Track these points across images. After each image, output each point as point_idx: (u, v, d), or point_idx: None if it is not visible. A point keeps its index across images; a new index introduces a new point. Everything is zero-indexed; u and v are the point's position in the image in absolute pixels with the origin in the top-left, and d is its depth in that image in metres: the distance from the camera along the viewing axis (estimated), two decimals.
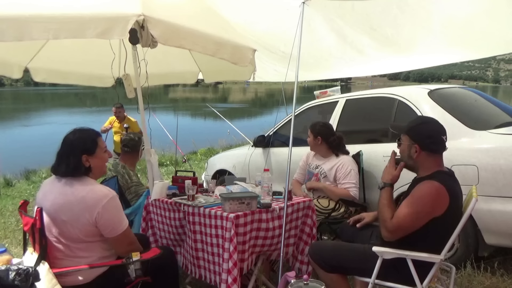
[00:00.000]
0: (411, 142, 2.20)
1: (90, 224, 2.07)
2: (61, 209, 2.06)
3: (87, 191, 2.09)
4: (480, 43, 3.41)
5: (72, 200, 2.06)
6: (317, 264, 2.31)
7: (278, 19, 3.47)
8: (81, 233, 2.08)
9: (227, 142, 11.18)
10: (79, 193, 2.07)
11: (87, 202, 2.06)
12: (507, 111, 3.71)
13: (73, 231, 2.07)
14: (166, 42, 2.50)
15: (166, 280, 2.35)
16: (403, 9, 2.99)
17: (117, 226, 2.13)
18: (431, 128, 2.21)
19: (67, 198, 2.07)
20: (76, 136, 2.20)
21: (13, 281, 1.73)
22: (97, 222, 2.07)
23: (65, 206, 2.06)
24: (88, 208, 2.05)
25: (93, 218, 2.05)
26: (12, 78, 3.76)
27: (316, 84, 6.48)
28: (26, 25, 2.18)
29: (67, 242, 2.09)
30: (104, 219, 2.07)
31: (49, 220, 2.09)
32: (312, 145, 3.72)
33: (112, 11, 2.32)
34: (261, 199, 2.67)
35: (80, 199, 2.06)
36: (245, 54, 3.05)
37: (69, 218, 2.05)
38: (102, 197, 2.08)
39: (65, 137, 2.21)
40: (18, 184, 7.83)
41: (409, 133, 2.22)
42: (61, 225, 2.07)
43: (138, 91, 2.98)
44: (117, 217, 2.15)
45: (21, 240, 2.91)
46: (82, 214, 2.05)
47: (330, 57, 4.08)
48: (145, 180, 5.01)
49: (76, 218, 2.05)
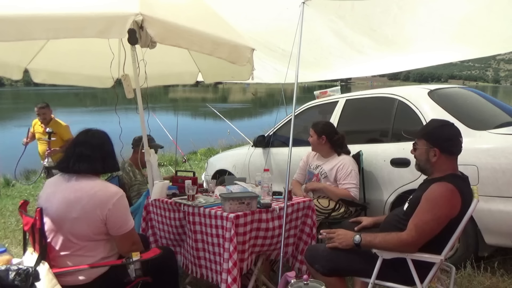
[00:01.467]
0: (429, 146, 2.17)
1: (100, 221, 2.10)
2: (73, 205, 2.08)
3: (99, 188, 2.14)
4: (480, 41, 3.41)
5: (84, 196, 2.09)
6: (314, 268, 2.29)
7: (278, 17, 3.47)
8: (90, 230, 2.10)
9: (227, 142, 11.18)
10: (90, 190, 2.11)
11: (99, 198, 2.10)
12: (507, 111, 3.71)
13: (83, 228, 2.09)
14: (163, 41, 2.50)
15: (166, 280, 2.35)
16: (403, 9, 2.99)
17: (124, 224, 2.17)
18: (449, 130, 2.19)
19: (78, 195, 2.10)
20: (105, 135, 2.33)
21: (13, 281, 1.73)
22: (107, 219, 2.10)
23: (77, 203, 2.08)
24: (100, 204, 2.09)
25: (104, 214, 2.09)
26: (12, 79, 3.76)
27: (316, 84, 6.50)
28: (26, 25, 2.18)
29: (77, 241, 2.11)
30: (114, 217, 2.11)
31: (59, 219, 2.10)
32: (316, 144, 3.69)
33: (111, 11, 2.32)
34: (261, 199, 2.67)
35: (92, 195, 2.10)
36: (243, 53, 3.05)
37: (80, 215, 2.07)
38: (114, 194, 2.13)
39: (96, 138, 2.29)
40: (18, 184, 7.83)
41: (426, 137, 2.20)
42: (72, 223, 2.09)
43: (137, 91, 2.98)
44: (125, 215, 2.19)
45: (21, 240, 2.91)
46: (94, 211, 2.08)
47: (330, 56, 4.09)
48: None
49: (87, 215, 2.08)
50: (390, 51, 3.78)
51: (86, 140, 2.25)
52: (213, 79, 4.61)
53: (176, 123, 4.98)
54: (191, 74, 4.53)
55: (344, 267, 2.24)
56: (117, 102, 3.61)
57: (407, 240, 2.02)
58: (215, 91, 57.94)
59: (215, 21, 3.11)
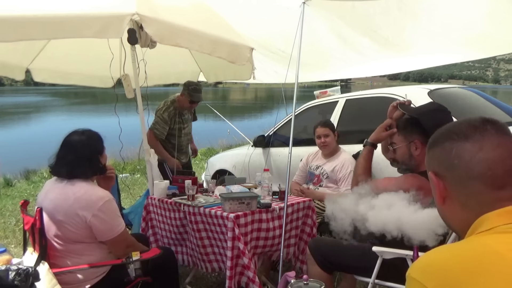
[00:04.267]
0: (408, 141, 2.17)
1: (84, 227, 2.06)
2: (57, 209, 2.07)
3: (83, 193, 2.08)
4: (481, 43, 3.41)
5: (68, 200, 2.06)
6: (315, 259, 2.29)
7: (278, 18, 3.47)
8: (77, 233, 2.07)
9: (227, 142, 11.17)
10: (76, 193, 2.07)
11: (81, 203, 2.05)
12: (507, 111, 3.71)
13: (69, 231, 2.07)
14: (161, 41, 2.50)
15: (166, 280, 2.35)
16: (403, 10, 2.98)
17: (111, 229, 2.12)
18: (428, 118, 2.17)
19: (64, 198, 2.08)
20: (88, 138, 2.21)
21: (13, 281, 1.73)
22: (91, 224, 2.05)
23: (61, 206, 2.06)
24: (82, 209, 2.04)
25: (88, 220, 2.04)
26: (14, 79, 3.77)
27: (316, 84, 6.50)
28: (24, 26, 2.18)
29: (64, 243, 2.09)
30: (99, 222, 2.07)
31: (48, 220, 2.09)
32: (332, 141, 3.65)
33: (107, 11, 2.32)
34: (261, 199, 2.67)
35: (75, 200, 2.05)
36: (243, 53, 3.05)
37: (64, 218, 2.06)
38: (99, 199, 2.08)
39: (74, 140, 2.18)
40: (18, 184, 7.82)
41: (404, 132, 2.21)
42: (58, 225, 2.07)
43: (137, 91, 2.98)
44: (113, 220, 2.13)
45: (21, 240, 2.91)
46: (77, 215, 2.04)
47: (330, 57, 4.08)
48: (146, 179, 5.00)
49: (70, 218, 2.05)
50: (390, 52, 3.77)
51: (67, 142, 2.19)
52: (215, 79, 4.61)
53: None
54: (192, 73, 4.53)
55: (345, 262, 2.24)
56: (116, 102, 3.60)
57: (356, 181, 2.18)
58: (215, 91, 57.91)
59: (214, 21, 3.11)
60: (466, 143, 0.87)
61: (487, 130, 0.87)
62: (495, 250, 0.73)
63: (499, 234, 0.78)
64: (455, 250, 0.78)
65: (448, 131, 0.92)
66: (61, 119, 21.73)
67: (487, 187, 0.84)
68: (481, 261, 0.72)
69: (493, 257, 0.72)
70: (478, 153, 0.85)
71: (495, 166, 0.84)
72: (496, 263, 0.71)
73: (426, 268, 0.77)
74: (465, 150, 0.87)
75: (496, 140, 0.86)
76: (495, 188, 0.84)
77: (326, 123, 3.72)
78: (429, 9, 2.94)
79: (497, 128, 0.88)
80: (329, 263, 2.25)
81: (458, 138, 0.89)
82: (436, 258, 0.78)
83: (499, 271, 0.70)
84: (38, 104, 35.66)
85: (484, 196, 0.85)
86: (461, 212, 0.88)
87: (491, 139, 0.86)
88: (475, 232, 0.83)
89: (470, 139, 0.87)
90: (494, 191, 0.84)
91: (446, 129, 0.93)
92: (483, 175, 0.85)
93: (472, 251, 0.76)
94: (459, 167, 0.87)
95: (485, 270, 0.70)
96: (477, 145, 0.86)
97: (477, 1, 2.84)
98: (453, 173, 0.89)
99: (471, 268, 0.71)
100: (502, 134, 0.87)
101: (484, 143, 0.86)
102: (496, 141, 0.86)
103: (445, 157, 0.90)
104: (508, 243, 0.74)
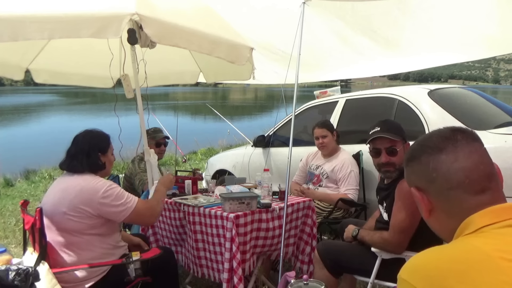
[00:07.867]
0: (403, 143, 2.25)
1: (89, 216, 2.10)
2: (60, 201, 2.11)
3: (85, 184, 2.14)
4: (481, 43, 3.41)
5: (71, 191, 2.11)
6: (324, 263, 2.29)
7: (278, 18, 3.47)
8: (82, 223, 2.11)
9: (227, 142, 11.17)
10: (77, 186, 2.13)
11: (85, 194, 2.11)
12: (507, 111, 3.71)
13: (73, 222, 2.10)
14: (160, 41, 2.50)
15: (166, 280, 2.36)
16: (403, 10, 2.98)
17: (121, 210, 2.16)
18: None
19: (67, 190, 2.13)
20: (91, 135, 2.33)
21: (13, 281, 1.73)
22: (101, 213, 2.12)
23: (65, 198, 2.11)
24: (87, 200, 2.10)
25: (95, 210, 2.10)
26: (13, 79, 3.77)
27: (316, 84, 6.49)
28: (21, 25, 2.17)
29: (67, 234, 2.12)
30: (107, 208, 2.13)
31: (51, 213, 2.12)
32: (330, 142, 3.65)
33: (107, 11, 2.32)
34: (261, 199, 2.67)
35: (78, 191, 2.11)
36: (242, 53, 3.05)
37: (68, 210, 2.09)
38: (99, 189, 2.13)
39: (79, 136, 2.33)
40: (18, 184, 7.82)
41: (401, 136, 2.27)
42: (62, 217, 2.10)
43: (137, 91, 2.98)
44: (119, 201, 2.16)
45: (21, 240, 2.91)
46: (80, 206, 2.09)
47: (330, 57, 4.08)
48: None
49: (74, 209, 2.09)
50: (390, 52, 3.77)
51: (74, 138, 2.33)
52: (214, 79, 4.60)
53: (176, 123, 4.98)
54: (192, 74, 4.52)
55: (349, 264, 2.25)
56: (116, 102, 3.60)
57: (389, 239, 2.09)
58: (215, 91, 57.97)
59: (213, 21, 3.11)
60: (441, 155, 0.91)
61: (458, 140, 0.92)
62: (481, 250, 0.76)
63: (485, 233, 0.82)
64: (443, 251, 0.81)
65: (422, 145, 0.96)
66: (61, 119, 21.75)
67: (468, 194, 0.88)
68: (469, 260, 0.75)
69: (480, 256, 0.75)
70: (454, 163, 0.90)
71: (471, 173, 0.89)
72: (483, 262, 0.74)
73: (415, 269, 0.80)
74: (441, 162, 0.91)
75: (467, 149, 0.91)
76: (476, 194, 0.88)
77: (323, 123, 3.70)
78: (429, 9, 2.94)
79: (467, 136, 0.93)
80: (340, 267, 2.25)
81: (432, 151, 0.93)
82: (425, 259, 0.81)
83: (486, 270, 0.72)
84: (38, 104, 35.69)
85: (466, 203, 0.88)
86: (447, 221, 0.92)
87: (463, 148, 0.91)
88: (462, 234, 0.86)
89: (444, 151, 0.91)
90: (475, 197, 0.88)
91: (419, 144, 0.97)
92: (462, 184, 0.89)
93: (459, 251, 0.79)
94: (438, 180, 0.91)
95: (473, 269, 0.73)
96: (451, 155, 0.90)
97: (477, 1, 2.84)
98: (434, 186, 0.92)
99: (459, 267, 0.74)
100: (472, 141, 0.92)
101: (458, 153, 0.90)
102: (467, 149, 0.91)
103: (423, 171, 0.94)
104: (493, 243, 0.77)
